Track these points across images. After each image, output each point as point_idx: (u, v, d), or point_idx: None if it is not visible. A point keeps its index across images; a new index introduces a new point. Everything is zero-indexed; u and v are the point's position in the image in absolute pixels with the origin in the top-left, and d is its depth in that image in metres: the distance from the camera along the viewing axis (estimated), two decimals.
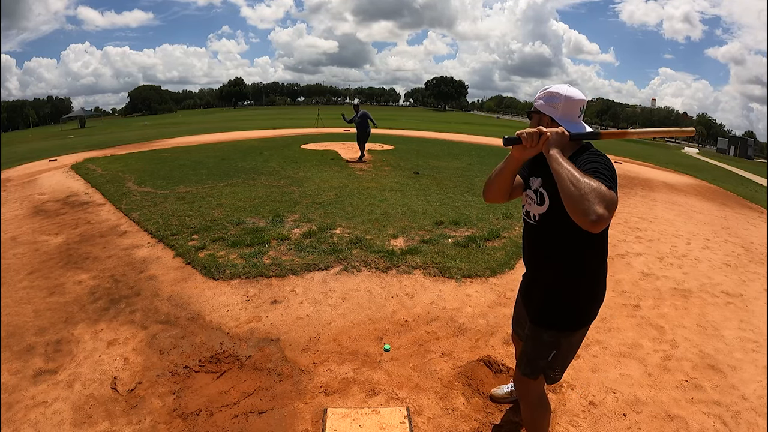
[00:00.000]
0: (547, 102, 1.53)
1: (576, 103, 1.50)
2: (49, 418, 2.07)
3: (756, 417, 2.20)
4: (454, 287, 3.54)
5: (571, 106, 1.50)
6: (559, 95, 1.50)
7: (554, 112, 1.51)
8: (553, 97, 1.51)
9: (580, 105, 1.51)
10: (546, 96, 1.53)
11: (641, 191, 8.94)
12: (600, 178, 1.27)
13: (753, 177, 17.99)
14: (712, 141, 71.34)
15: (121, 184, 7.36)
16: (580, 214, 1.18)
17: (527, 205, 1.63)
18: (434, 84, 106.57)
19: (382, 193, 6.73)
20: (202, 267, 3.77)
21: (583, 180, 1.21)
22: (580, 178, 1.22)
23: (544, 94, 1.54)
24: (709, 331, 3.07)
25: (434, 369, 2.50)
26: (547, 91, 1.54)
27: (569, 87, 1.52)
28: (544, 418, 1.76)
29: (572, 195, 1.20)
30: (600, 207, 1.16)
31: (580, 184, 1.20)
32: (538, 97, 1.57)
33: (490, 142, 18.98)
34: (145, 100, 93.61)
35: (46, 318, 3.02)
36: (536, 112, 1.56)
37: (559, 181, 1.26)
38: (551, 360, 1.61)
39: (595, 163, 1.36)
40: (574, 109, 1.50)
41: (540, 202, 1.55)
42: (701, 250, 5.03)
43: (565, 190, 1.23)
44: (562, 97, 1.49)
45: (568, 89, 1.51)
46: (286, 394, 2.26)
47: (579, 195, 1.19)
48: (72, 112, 60.96)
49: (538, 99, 1.56)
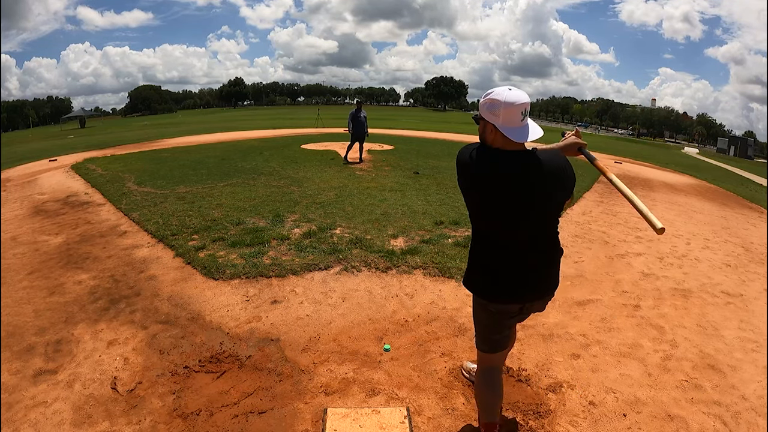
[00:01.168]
0: (488, 109, 1.52)
1: (516, 109, 1.48)
2: (49, 418, 2.07)
3: (756, 417, 2.20)
4: (454, 287, 3.54)
5: (511, 113, 1.48)
6: (498, 102, 1.48)
7: (496, 120, 1.50)
8: (493, 105, 1.50)
9: (521, 109, 1.48)
10: (488, 103, 1.52)
11: (641, 191, 8.94)
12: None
13: (753, 177, 18.00)
14: (712, 141, 71.34)
15: (121, 184, 7.36)
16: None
17: None
18: (434, 84, 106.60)
19: (382, 193, 6.73)
20: (202, 267, 3.77)
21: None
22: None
23: (486, 101, 1.53)
24: (709, 331, 3.07)
25: (434, 369, 2.50)
26: (488, 97, 1.52)
27: (509, 91, 1.50)
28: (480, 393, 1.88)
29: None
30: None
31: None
32: (481, 103, 1.56)
33: None
34: (145, 100, 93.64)
35: (46, 318, 3.02)
36: (481, 118, 1.57)
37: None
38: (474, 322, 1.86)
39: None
40: (515, 114, 1.48)
41: None
42: (701, 250, 5.03)
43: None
44: (500, 104, 1.48)
45: (507, 95, 1.48)
46: (286, 394, 2.26)
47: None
48: (72, 112, 61.00)
49: (481, 105, 1.56)
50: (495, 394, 1.82)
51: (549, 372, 2.50)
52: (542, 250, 1.68)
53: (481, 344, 1.79)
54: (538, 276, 1.70)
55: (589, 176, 8.72)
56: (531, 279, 1.68)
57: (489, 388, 1.82)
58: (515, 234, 1.62)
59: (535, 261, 1.67)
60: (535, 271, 1.69)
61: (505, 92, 1.49)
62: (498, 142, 1.55)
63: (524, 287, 1.67)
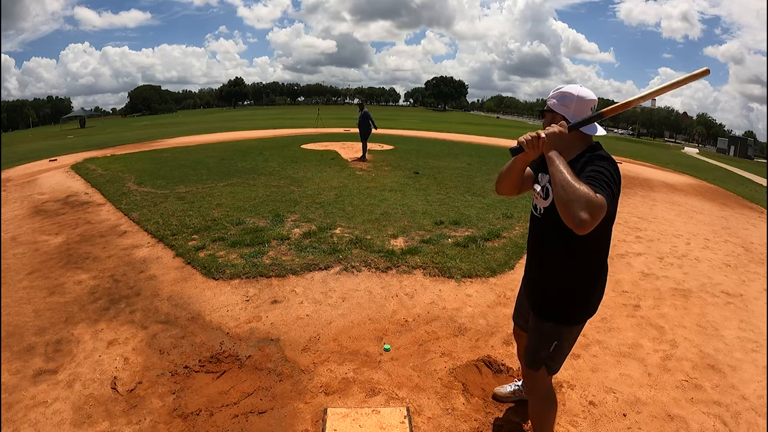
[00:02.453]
0: (559, 101, 1.58)
1: (587, 103, 1.55)
2: (49, 418, 2.07)
3: (756, 417, 2.20)
4: (454, 287, 3.54)
5: (582, 106, 1.54)
6: (571, 95, 1.55)
7: (567, 111, 1.56)
8: (566, 97, 1.56)
9: (591, 104, 1.56)
10: (559, 95, 1.58)
11: (641, 191, 8.94)
12: (593, 183, 1.32)
13: (753, 177, 17.99)
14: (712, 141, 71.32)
15: (121, 184, 7.36)
16: (566, 217, 1.27)
17: (535, 199, 1.69)
18: (434, 84, 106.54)
19: (382, 193, 6.73)
20: (202, 267, 3.77)
21: (573, 185, 1.27)
22: (571, 182, 1.28)
23: (557, 93, 1.59)
24: (709, 331, 3.07)
25: (434, 369, 2.50)
26: (560, 90, 1.59)
27: (581, 87, 1.57)
28: (550, 412, 1.79)
29: (561, 198, 1.28)
30: (584, 212, 1.23)
31: (570, 188, 1.27)
32: (551, 96, 1.62)
33: (490, 142, 19.00)
34: (145, 100, 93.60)
35: (46, 318, 3.02)
36: (549, 111, 1.61)
37: (553, 183, 1.34)
38: (553, 351, 1.65)
39: (595, 167, 1.41)
40: (585, 108, 1.55)
41: (545, 196, 1.61)
42: (701, 250, 5.03)
43: (557, 193, 1.31)
44: (574, 96, 1.55)
45: (580, 89, 1.56)
46: (286, 394, 2.26)
47: (567, 199, 1.26)
48: (72, 112, 60.96)
49: (551, 98, 1.61)
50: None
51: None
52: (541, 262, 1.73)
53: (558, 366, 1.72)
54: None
55: None
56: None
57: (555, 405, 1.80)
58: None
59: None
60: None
61: (578, 87, 1.57)
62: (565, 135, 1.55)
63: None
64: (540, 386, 1.74)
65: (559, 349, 1.66)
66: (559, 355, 1.68)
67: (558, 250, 1.59)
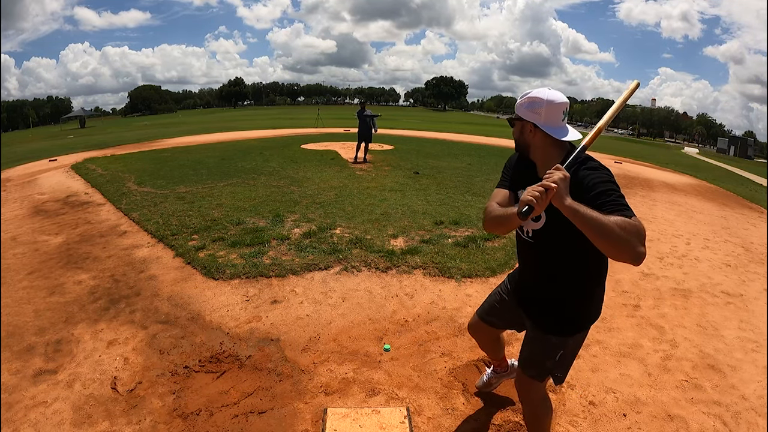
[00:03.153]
0: (528, 108, 1.47)
1: (559, 107, 1.44)
2: (49, 418, 2.07)
3: (756, 417, 2.20)
4: (454, 287, 3.54)
5: (553, 111, 1.44)
6: (540, 100, 1.44)
7: (537, 118, 1.45)
8: (535, 103, 1.45)
9: (562, 108, 1.45)
10: (527, 102, 1.47)
11: (641, 191, 8.94)
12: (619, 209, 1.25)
13: (753, 177, 17.99)
14: (712, 141, 71.32)
15: (121, 184, 7.36)
16: (626, 259, 1.21)
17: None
18: (434, 84, 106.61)
19: (382, 193, 6.73)
20: (202, 267, 3.77)
21: (614, 226, 1.19)
22: (611, 225, 1.20)
23: (526, 100, 1.48)
24: (709, 331, 3.07)
25: (434, 369, 2.50)
26: (527, 96, 1.48)
27: (550, 90, 1.46)
28: (546, 417, 1.77)
29: (610, 243, 1.21)
30: (641, 247, 1.20)
31: (614, 232, 1.19)
32: (519, 103, 1.51)
33: (490, 142, 18.99)
34: (145, 100, 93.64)
35: (46, 318, 3.02)
36: (518, 119, 1.51)
37: (590, 233, 1.23)
38: (559, 360, 1.61)
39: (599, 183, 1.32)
40: (557, 113, 1.44)
41: (536, 218, 1.50)
42: (701, 250, 5.03)
43: (601, 241, 1.22)
44: (543, 101, 1.43)
45: (549, 93, 1.45)
46: (286, 394, 2.26)
47: (619, 243, 1.19)
48: (72, 112, 60.95)
49: (519, 106, 1.50)
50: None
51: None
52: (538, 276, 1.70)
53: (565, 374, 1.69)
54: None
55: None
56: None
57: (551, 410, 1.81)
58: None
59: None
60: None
61: (546, 91, 1.45)
62: (537, 143, 1.49)
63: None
64: (536, 394, 1.71)
65: (565, 357, 1.63)
66: (566, 363, 1.65)
67: (559, 268, 1.54)
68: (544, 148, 1.48)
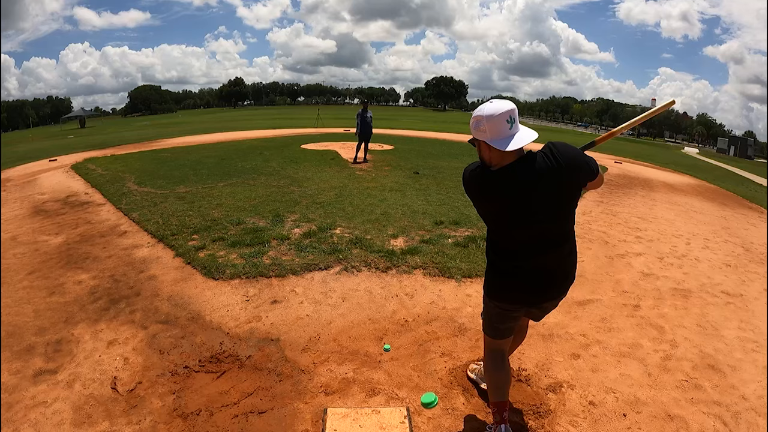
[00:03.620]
0: (475, 128, 1.55)
1: (500, 118, 1.49)
2: (49, 418, 2.07)
3: (756, 417, 2.20)
4: (454, 287, 3.54)
5: (496, 124, 1.49)
6: (480, 118, 1.51)
7: (484, 136, 1.52)
8: (478, 122, 1.53)
9: (505, 118, 1.49)
10: (474, 122, 1.55)
11: (641, 191, 8.94)
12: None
13: (753, 177, 18.00)
14: (712, 141, 71.29)
15: (121, 184, 7.36)
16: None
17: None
18: (434, 84, 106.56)
19: (382, 193, 6.73)
20: (202, 267, 3.77)
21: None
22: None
23: (473, 120, 1.56)
24: (709, 331, 3.07)
25: (434, 369, 2.50)
26: (473, 116, 1.55)
27: (489, 104, 1.52)
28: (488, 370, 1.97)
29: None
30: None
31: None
32: (470, 125, 1.59)
33: None
34: (146, 100, 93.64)
35: (46, 318, 3.02)
36: (474, 140, 1.60)
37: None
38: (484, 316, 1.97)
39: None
40: (500, 123, 1.49)
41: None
42: (701, 250, 5.03)
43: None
44: (483, 119, 1.50)
45: (486, 108, 1.51)
46: (286, 394, 2.26)
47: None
48: (72, 112, 60.99)
49: (471, 128, 1.59)
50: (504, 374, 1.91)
51: (549, 372, 2.50)
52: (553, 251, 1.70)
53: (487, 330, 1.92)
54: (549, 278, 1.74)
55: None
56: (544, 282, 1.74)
57: (497, 369, 1.91)
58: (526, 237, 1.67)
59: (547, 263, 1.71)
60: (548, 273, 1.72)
61: (486, 106, 1.52)
62: (495, 158, 1.56)
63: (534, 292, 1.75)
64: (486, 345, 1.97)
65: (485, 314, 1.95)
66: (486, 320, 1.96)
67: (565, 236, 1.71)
68: (502, 158, 1.55)
